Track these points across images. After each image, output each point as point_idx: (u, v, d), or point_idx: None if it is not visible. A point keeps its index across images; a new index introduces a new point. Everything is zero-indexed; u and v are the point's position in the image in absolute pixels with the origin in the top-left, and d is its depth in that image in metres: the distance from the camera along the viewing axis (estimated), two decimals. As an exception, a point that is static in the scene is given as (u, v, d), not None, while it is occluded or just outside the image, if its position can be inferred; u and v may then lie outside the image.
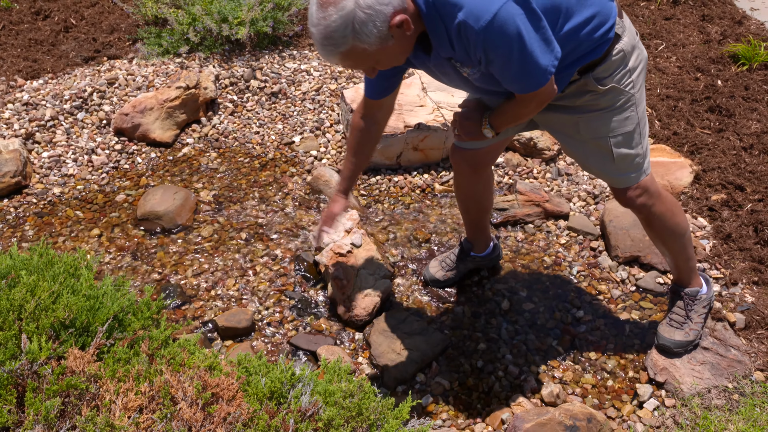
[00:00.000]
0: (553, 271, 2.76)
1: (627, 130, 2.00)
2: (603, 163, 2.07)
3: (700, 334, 2.37)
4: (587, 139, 2.04)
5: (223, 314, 2.49)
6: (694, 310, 2.36)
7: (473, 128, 2.01)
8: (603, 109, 1.96)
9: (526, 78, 1.73)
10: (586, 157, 2.11)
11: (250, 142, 3.41)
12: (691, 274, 2.36)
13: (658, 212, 2.16)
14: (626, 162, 2.05)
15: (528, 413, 2.14)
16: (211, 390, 1.75)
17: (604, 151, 2.03)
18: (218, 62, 3.82)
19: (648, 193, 2.12)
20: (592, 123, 2.00)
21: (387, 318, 2.49)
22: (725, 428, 2.14)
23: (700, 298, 2.36)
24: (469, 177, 2.41)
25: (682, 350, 2.34)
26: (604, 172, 2.12)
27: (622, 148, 2.02)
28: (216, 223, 2.95)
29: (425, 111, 3.23)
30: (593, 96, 1.94)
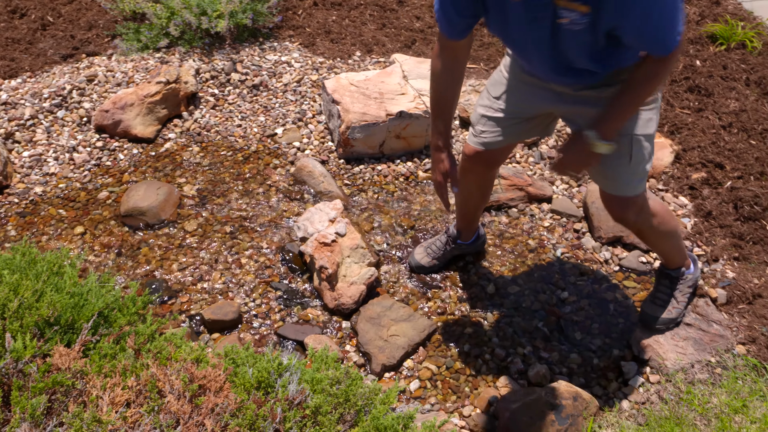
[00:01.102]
0: (538, 254, 2.78)
1: (648, 132, 1.95)
2: (618, 165, 1.98)
3: (683, 312, 2.40)
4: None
5: (210, 307, 2.49)
6: (678, 289, 2.39)
7: (584, 155, 1.86)
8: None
9: (668, 30, 1.54)
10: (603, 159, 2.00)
11: (232, 136, 3.40)
12: (680, 258, 2.38)
13: (649, 226, 2.17)
14: (639, 167, 1.99)
15: (515, 394, 2.17)
16: (198, 382, 1.76)
17: (623, 151, 1.94)
18: (198, 56, 3.80)
19: (643, 211, 2.11)
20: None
21: (373, 306, 2.50)
22: (708, 401, 2.17)
23: (686, 278, 2.39)
24: (481, 175, 2.38)
25: (664, 327, 2.37)
26: (614, 177, 2.03)
27: (640, 151, 1.96)
28: (200, 217, 2.94)
29: (406, 99, 3.24)
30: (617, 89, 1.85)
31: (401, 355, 2.36)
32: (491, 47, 3.95)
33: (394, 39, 4.05)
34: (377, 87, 3.30)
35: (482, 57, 3.88)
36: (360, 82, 3.32)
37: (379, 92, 3.27)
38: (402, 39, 4.03)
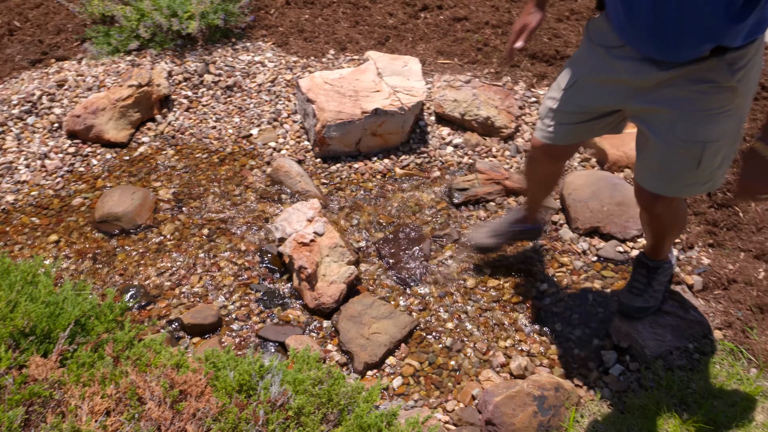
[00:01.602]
0: (516, 247, 2.80)
1: (724, 139, 1.83)
2: (683, 169, 1.88)
3: (659, 300, 2.42)
4: (680, 140, 1.83)
5: (189, 311, 2.47)
6: (656, 279, 2.40)
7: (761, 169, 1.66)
8: (708, 110, 1.77)
9: None
10: (664, 160, 1.90)
11: (207, 138, 3.37)
12: (665, 253, 2.39)
13: (669, 220, 2.14)
14: (704, 174, 1.88)
15: (497, 387, 2.18)
16: (179, 387, 1.74)
17: (691, 158, 1.84)
18: (170, 58, 3.76)
19: (671, 206, 2.06)
20: (691, 123, 1.80)
21: (354, 304, 2.50)
22: (688, 387, 2.20)
23: (664, 268, 2.41)
24: (546, 167, 2.33)
25: (641, 316, 2.40)
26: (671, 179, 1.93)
27: (711, 158, 1.84)
28: (177, 220, 2.92)
29: (381, 96, 3.23)
30: (710, 88, 1.74)
31: (383, 352, 2.36)
32: (465, 42, 3.96)
33: (368, 36, 4.04)
34: (352, 85, 3.29)
35: (456, 52, 3.88)
36: (334, 81, 3.31)
37: (353, 90, 3.26)
38: (375, 36, 4.03)
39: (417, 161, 3.22)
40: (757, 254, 2.65)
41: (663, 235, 2.27)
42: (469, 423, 2.15)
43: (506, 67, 2.16)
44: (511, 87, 3.61)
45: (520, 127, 3.38)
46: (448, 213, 2.96)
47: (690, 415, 2.11)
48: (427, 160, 3.23)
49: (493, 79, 3.68)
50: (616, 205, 2.84)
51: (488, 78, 3.68)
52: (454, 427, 2.16)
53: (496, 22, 4.09)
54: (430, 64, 3.80)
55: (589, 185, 2.91)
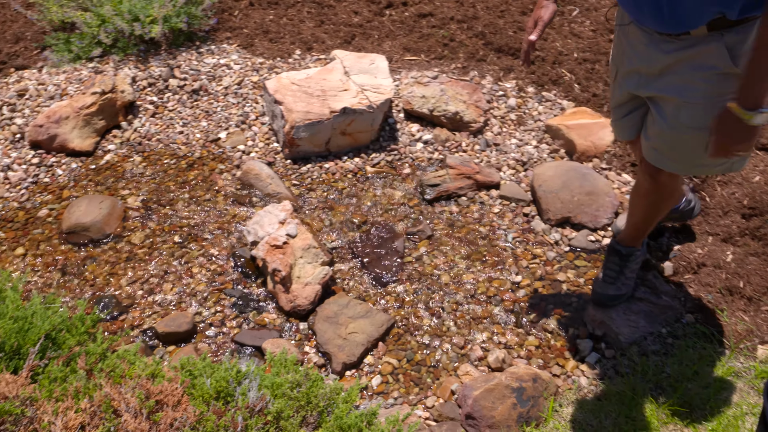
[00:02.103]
0: (490, 240, 2.81)
1: None
2: (689, 153, 1.89)
3: (631, 288, 2.45)
4: (686, 126, 1.85)
5: (163, 320, 2.44)
6: (627, 266, 2.43)
7: (738, 132, 1.67)
8: (713, 97, 1.77)
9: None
10: (672, 144, 1.91)
11: (174, 143, 3.33)
12: (640, 239, 2.43)
13: (665, 194, 2.16)
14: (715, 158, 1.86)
15: (476, 381, 2.19)
16: (155, 398, 1.72)
17: (699, 143, 1.83)
18: (134, 63, 3.71)
19: (673, 180, 2.08)
20: (696, 110, 1.81)
21: (330, 304, 2.49)
22: (662, 371, 2.23)
23: (636, 256, 2.44)
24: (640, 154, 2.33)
25: (614, 303, 2.42)
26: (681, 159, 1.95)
27: None
28: (147, 228, 2.88)
29: (349, 95, 3.22)
30: (714, 75, 1.75)
31: (361, 351, 2.36)
32: (431, 38, 3.96)
33: (334, 35, 4.02)
34: (319, 85, 3.27)
35: (422, 48, 3.89)
36: (301, 81, 3.29)
37: (321, 90, 3.24)
38: (341, 35, 4.01)
39: (387, 159, 3.22)
40: (725, 237, 2.70)
41: (655, 211, 2.26)
42: (450, 418, 2.15)
43: (527, 67, 2.18)
44: (479, 81, 3.63)
45: (488, 121, 3.40)
46: (420, 209, 2.96)
47: (666, 399, 2.15)
48: (397, 157, 3.23)
49: (461, 74, 3.70)
50: (586, 194, 2.87)
51: (455, 73, 3.69)
52: (434, 422, 2.16)
53: (462, 17, 4.10)
54: (397, 61, 3.80)
55: (559, 176, 2.94)
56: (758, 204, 2.78)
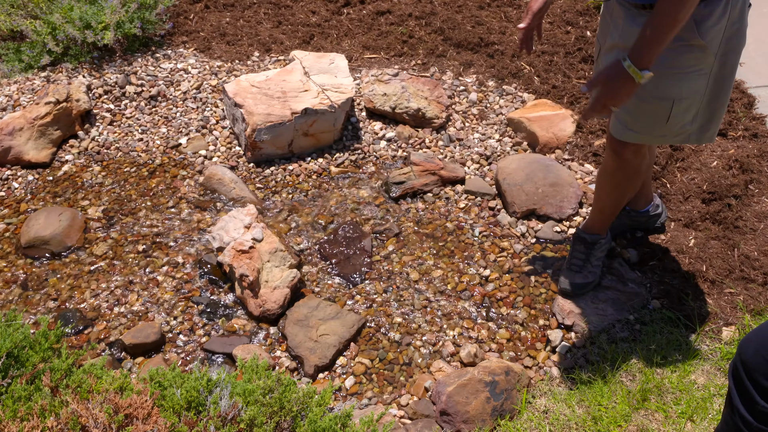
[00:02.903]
0: (457, 236, 2.82)
1: (695, 95, 1.91)
2: (650, 122, 1.97)
3: (598, 275, 2.48)
4: (650, 96, 1.92)
5: (129, 331, 2.39)
6: (593, 254, 2.46)
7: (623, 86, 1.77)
8: (677, 68, 1.86)
9: None
10: (635, 113, 1.99)
11: (134, 151, 3.26)
12: (605, 226, 2.46)
13: (630, 170, 2.19)
14: (674, 128, 1.97)
15: (449, 377, 2.19)
16: (124, 411, 1.68)
17: (661, 113, 1.93)
18: (88, 71, 3.63)
19: (638, 155, 2.13)
20: (660, 80, 1.86)
21: (300, 307, 2.47)
22: (631, 357, 2.26)
23: (601, 243, 2.47)
24: None
25: (582, 292, 2.45)
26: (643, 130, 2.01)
27: (681, 114, 1.93)
28: (109, 239, 2.82)
29: (310, 95, 3.20)
30: (680, 46, 1.81)
31: (333, 353, 2.34)
32: (390, 35, 3.96)
33: (292, 36, 3.99)
34: (279, 86, 3.24)
35: (382, 46, 3.88)
36: (261, 83, 3.26)
37: (281, 91, 3.21)
38: (300, 35, 3.99)
39: (351, 158, 3.21)
40: (686, 223, 2.75)
41: (619, 192, 2.30)
42: (425, 415, 2.15)
43: (527, 53, 2.22)
44: (439, 77, 3.64)
45: (451, 116, 3.41)
46: (386, 207, 2.96)
47: (636, 384, 2.18)
48: (361, 156, 3.22)
49: (421, 70, 3.70)
50: (550, 186, 2.89)
51: (416, 70, 3.70)
52: (409, 420, 2.16)
53: (420, 14, 4.11)
54: (356, 60, 3.79)
55: (523, 168, 2.96)
56: (717, 188, 2.84)
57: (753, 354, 1.41)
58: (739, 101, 3.35)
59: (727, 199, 2.80)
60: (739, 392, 1.45)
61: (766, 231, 2.68)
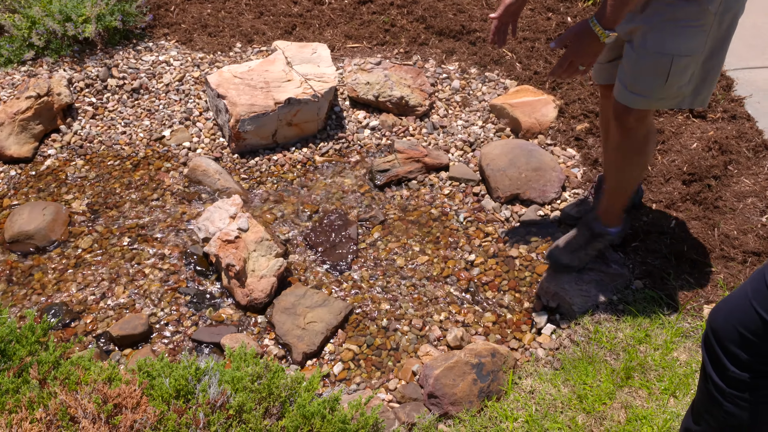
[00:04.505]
0: (442, 222, 2.84)
1: (692, 52, 1.96)
2: (649, 83, 2.02)
3: (584, 264, 2.50)
4: (650, 52, 1.98)
5: (117, 323, 2.40)
6: (592, 245, 2.48)
7: (589, 44, 1.90)
8: (675, 22, 1.92)
9: None
10: (635, 73, 2.04)
11: (117, 144, 3.25)
12: (617, 215, 2.47)
13: (636, 140, 2.21)
14: (673, 88, 2.03)
15: (436, 360, 2.22)
16: (113, 401, 1.69)
17: (660, 71, 1.99)
18: (69, 65, 3.60)
19: (644, 122, 2.16)
20: (660, 35, 1.95)
21: (287, 296, 2.48)
22: (615, 336, 2.30)
23: (605, 238, 2.49)
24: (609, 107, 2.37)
25: (561, 271, 2.47)
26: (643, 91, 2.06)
27: (680, 72, 1.99)
28: (94, 232, 2.81)
29: (293, 85, 3.20)
30: (674, 0, 1.89)
31: (321, 340, 2.36)
32: (372, 24, 3.96)
33: (274, 26, 3.98)
34: (262, 76, 3.24)
35: (364, 35, 3.88)
36: (244, 74, 3.25)
37: (264, 81, 3.21)
38: (282, 26, 3.98)
39: (336, 147, 3.21)
40: (668, 204, 2.78)
41: (628, 165, 2.30)
42: (413, 398, 2.18)
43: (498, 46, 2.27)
44: (422, 65, 3.65)
45: (434, 104, 3.42)
46: (371, 195, 2.97)
47: (620, 363, 2.21)
48: (345, 145, 3.23)
49: (404, 58, 3.71)
50: (533, 170, 2.92)
51: (398, 58, 3.70)
52: (398, 404, 2.19)
53: (401, 2, 4.11)
54: (339, 49, 3.79)
55: (506, 154, 2.98)
56: (697, 170, 2.88)
57: (722, 322, 1.45)
58: (718, 84, 3.39)
59: (707, 180, 2.84)
60: (710, 360, 1.48)
61: (746, 210, 2.73)
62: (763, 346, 1.39)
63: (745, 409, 1.45)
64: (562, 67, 1.98)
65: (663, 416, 2.04)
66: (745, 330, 1.40)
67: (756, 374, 1.43)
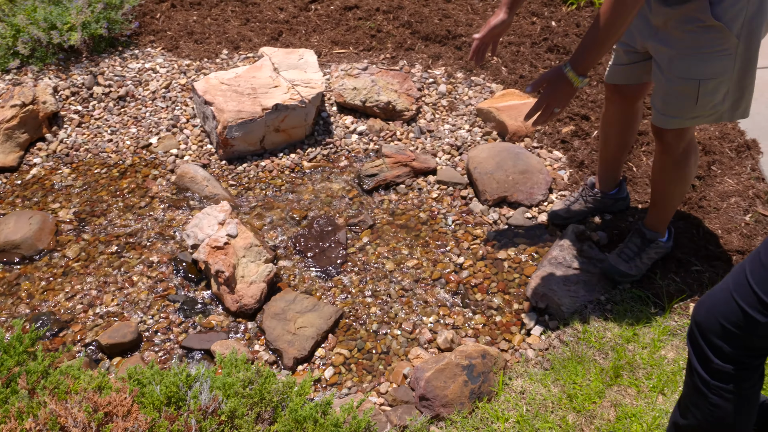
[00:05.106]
0: (430, 225, 2.85)
1: (721, 77, 1.98)
2: (680, 104, 2.05)
3: (642, 272, 2.50)
4: (677, 77, 2.01)
5: (106, 332, 2.39)
6: (646, 252, 2.49)
7: (562, 88, 1.95)
8: (698, 48, 1.94)
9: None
10: (666, 95, 2.08)
11: (104, 152, 3.24)
12: (663, 223, 2.48)
13: (678, 156, 2.23)
14: (705, 108, 2.04)
15: (427, 363, 2.22)
16: (104, 410, 1.69)
17: (688, 94, 2.01)
18: (54, 73, 3.59)
19: (683, 139, 2.18)
20: (685, 61, 1.98)
21: (277, 301, 2.48)
22: (603, 336, 2.32)
23: (658, 244, 2.50)
24: (619, 105, 2.45)
25: (623, 280, 2.48)
26: (676, 113, 2.09)
27: (709, 95, 2.01)
28: (81, 240, 2.80)
29: (280, 91, 3.21)
30: (697, 27, 1.91)
31: (311, 345, 2.36)
32: (358, 30, 3.98)
33: (260, 33, 3.99)
34: (249, 83, 3.25)
35: (350, 41, 3.90)
36: (231, 80, 3.26)
37: (251, 88, 3.22)
38: (268, 32, 3.98)
39: (324, 152, 3.22)
40: (653, 204, 2.81)
41: (670, 180, 2.32)
42: (404, 401, 2.18)
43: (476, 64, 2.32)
44: (408, 70, 3.67)
45: (421, 109, 3.44)
46: (360, 200, 2.98)
47: (608, 361, 2.23)
48: (333, 150, 3.24)
49: (390, 63, 3.72)
50: (520, 173, 2.94)
51: (385, 63, 3.72)
52: (389, 407, 2.19)
53: (387, 8, 4.13)
54: (326, 55, 3.80)
55: (493, 157, 3.00)
56: (681, 170, 2.91)
57: (705, 315, 1.47)
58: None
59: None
60: (695, 353, 1.51)
61: (729, 210, 2.76)
62: (745, 338, 1.42)
63: (730, 401, 1.48)
64: (538, 109, 2.01)
65: (652, 413, 2.06)
66: (728, 323, 1.42)
67: (739, 366, 1.45)
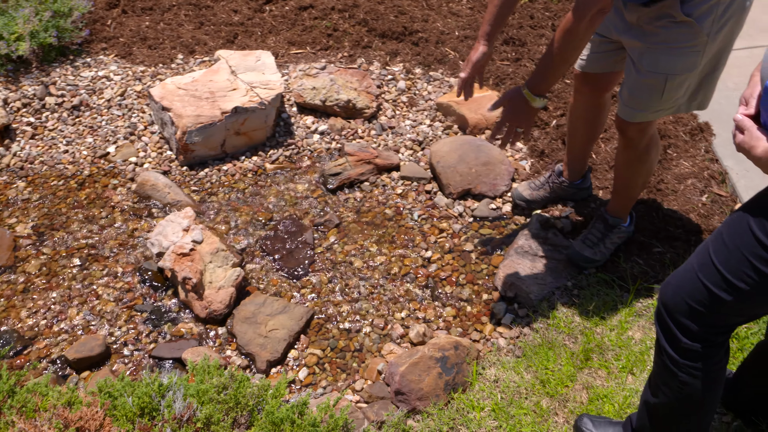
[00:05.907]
0: (396, 221, 2.86)
1: (688, 71, 2.02)
2: (646, 98, 2.10)
3: (606, 257, 2.55)
4: (646, 70, 2.05)
5: (72, 346, 2.34)
6: (609, 237, 2.53)
7: (522, 108, 2.03)
8: (669, 43, 1.98)
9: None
10: (633, 88, 2.12)
11: (60, 163, 3.17)
12: (625, 210, 2.53)
13: (641, 149, 2.28)
14: (669, 102, 2.10)
15: (400, 357, 2.23)
16: (75, 425, 1.65)
17: (656, 88, 2.06)
18: (3, 84, 3.49)
19: (646, 133, 2.23)
20: (655, 55, 2.02)
21: (246, 305, 2.46)
22: (572, 321, 2.36)
23: (620, 229, 2.54)
24: (588, 97, 2.48)
25: (587, 266, 2.53)
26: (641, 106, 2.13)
27: (674, 89, 2.06)
28: (42, 255, 2.73)
29: (239, 94, 3.18)
30: (668, 23, 1.94)
31: (284, 347, 2.35)
32: (314, 30, 3.96)
33: (215, 36, 3.95)
34: (207, 87, 3.21)
35: (307, 41, 3.88)
36: (188, 85, 3.21)
37: (209, 92, 3.18)
38: (223, 35, 3.94)
39: (286, 154, 3.20)
40: (613, 190, 2.87)
41: (633, 172, 2.38)
42: (380, 397, 2.19)
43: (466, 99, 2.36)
44: (367, 68, 3.67)
45: (381, 106, 3.44)
46: (325, 200, 2.97)
47: (578, 345, 2.27)
48: (295, 151, 3.22)
49: (348, 62, 3.72)
50: (483, 165, 2.97)
51: (343, 62, 3.72)
52: (365, 404, 2.19)
53: (342, 7, 4.13)
54: (283, 56, 3.78)
55: (455, 150, 3.03)
56: (638, 155, 2.97)
57: (672, 296, 1.51)
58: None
59: (649, 164, 2.94)
60: (663, 333, 1.55)
61: (686, 191, 2.83)
62: (711, 316, 1.46)
63: (699, 378, 1.52)
64: (499, 128, 2.10)
65: (623, 393, 2.10)
66: (694, 302, 1.46)
67: (707, 344, 1.49)
